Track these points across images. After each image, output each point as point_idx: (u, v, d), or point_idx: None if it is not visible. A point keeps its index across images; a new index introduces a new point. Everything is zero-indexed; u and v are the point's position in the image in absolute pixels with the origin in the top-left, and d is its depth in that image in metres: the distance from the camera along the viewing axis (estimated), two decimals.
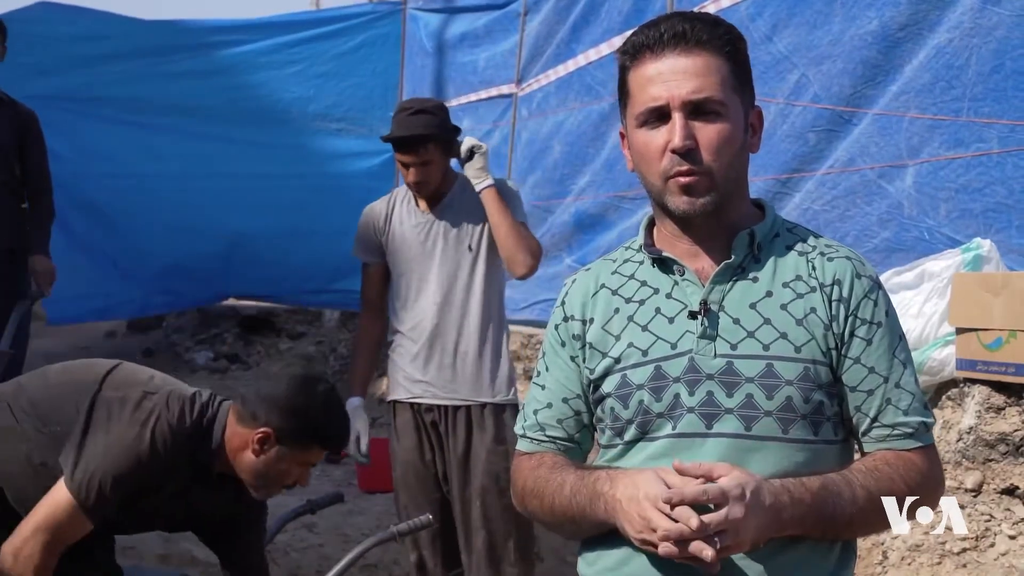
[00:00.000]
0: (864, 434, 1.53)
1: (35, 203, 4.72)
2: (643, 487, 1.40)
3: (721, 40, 1.51)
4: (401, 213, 3.40)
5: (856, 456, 1.57)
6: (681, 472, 1.40)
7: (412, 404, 3.37)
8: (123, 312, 7.72)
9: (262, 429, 2.38)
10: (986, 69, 3.49)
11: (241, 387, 8.06)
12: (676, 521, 1.35)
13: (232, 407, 2.45)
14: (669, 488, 1.38)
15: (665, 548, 1.36)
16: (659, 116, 1.51)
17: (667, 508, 1.36)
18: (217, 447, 2.41)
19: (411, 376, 3.36)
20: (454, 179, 3.40)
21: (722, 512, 1.35)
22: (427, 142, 3.23)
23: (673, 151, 1.49)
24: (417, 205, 3.38)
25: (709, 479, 1.38)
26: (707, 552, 1.34)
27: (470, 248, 3.31)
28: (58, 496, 2.25)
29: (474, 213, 3.33)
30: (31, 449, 2.35)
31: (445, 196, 3.36)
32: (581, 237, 5.70)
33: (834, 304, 1.52)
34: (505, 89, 6.54)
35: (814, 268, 1.54)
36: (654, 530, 1.37)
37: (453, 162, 3.40)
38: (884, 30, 3.87)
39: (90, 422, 2.32)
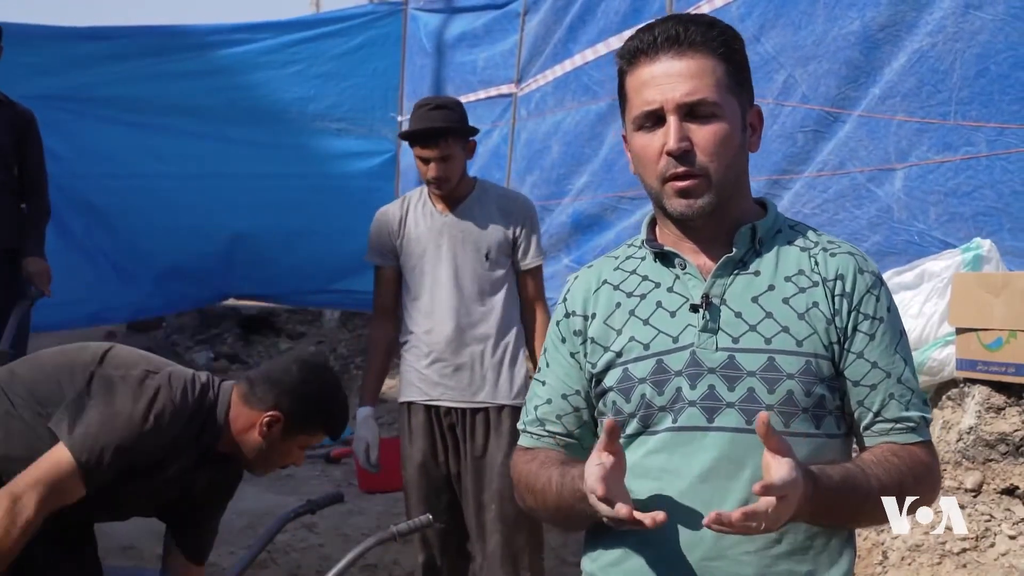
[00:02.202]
0: (866, 428, 1.54)
1: (30, 204, 4.72)
2: (585, 478, 1.41)
3: (715, 41, 1.52)
4: (416, 215, 3.40)
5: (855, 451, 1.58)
6: (765, 438, 1.35)
7: (428, 406, 3.37)
8: (119, 316, 7.71)
9: (271, 413, 2.44)
10: (971, 73, 3.51)
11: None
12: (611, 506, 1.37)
13: (236, 388, 2.49)
14: (599, 465, 1.39)
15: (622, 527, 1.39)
16: (655, 119, 1.51)
17: (599, 492, 1.37)
18: (221, 427, 2.44)
19: (428, 378, 3.36)
20: (473, 183, 3.41)
21: (772, 510, 1.33)
22: (447, 136, 3.24)
23: (668, 153, 1.49)
24: (434, 206, 3.39)
25: (782, 454, 1.35)
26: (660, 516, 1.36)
27: (487, 256, 3.32)
28: (58, 455, 2.24)
29: (492, 220, 3.34)
30: (30, 434, 2.34)
31: (464, 200, 3.37)
32: (579, 237, 5.70)
33: (836, 299, 1.52)
34: (504, 89, 6.54)
35: (816, 263, 1.55)
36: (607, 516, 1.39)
37: (470, 166, 3.41)
38: (865, 30, 3.88)
39: (89, 393, 2.32)
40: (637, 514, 1.36)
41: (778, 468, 1.34)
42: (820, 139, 4.08)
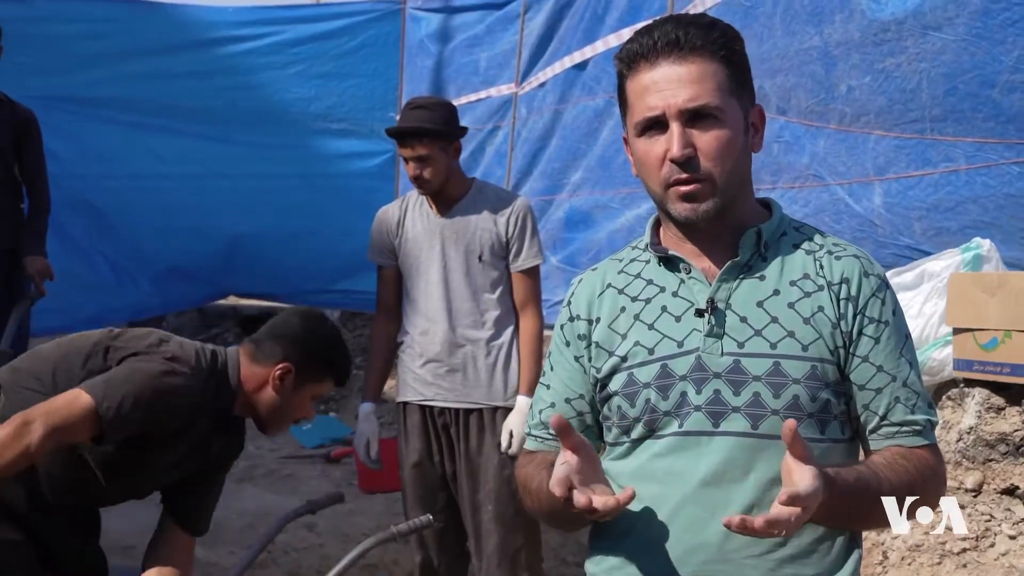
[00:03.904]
0: (872, 432, 1.53)
1: (30, 203, 4.71)
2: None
3: (716, 44, 1.51)
4: (414, 216, 3.41)
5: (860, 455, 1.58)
6: (791, 445, 1.34)
7: (423, 406, 3.38)
8: (119, 317, 7.70)
9: (282, 365, 2.50)
10: (939, 92, 3.54)
11: None
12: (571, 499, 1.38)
13: (242, 349, 2.55)
14: (563, 465, 1.39)
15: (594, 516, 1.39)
16: (657, 125, 1.50)
17: (558, 493, 1.37)
18: (234, 390, 2.50)
19: (422, 379, 3.37)
20: (469, 184, 3.41)
21: (795, 515, 1.32)
22: (421, 136, 3.24)
23: (672, 160, 1.49)
24: (431, 208, 3.39)
25: (806, 461, 1.34)
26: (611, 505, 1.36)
27: (480, 258, 3.32)
28: (74, 393, 2.25)
29: (486, 221, 3.33)
30: None
31: (459, 201, 3.37)
32: (569, 236, 5.71)
33: (842, 303, 1.52)
34: (505, 89, 6.54)
35: (822, 267, 1.54)
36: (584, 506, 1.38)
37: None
38: (825, 46, 3.90)
39: (105, 362, 2.36)
40: (596, 499, 1.36)
41: (802, 477, 1.33)
42: (794, 151, 4.11)
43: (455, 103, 6.72)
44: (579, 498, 1.36)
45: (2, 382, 2.43)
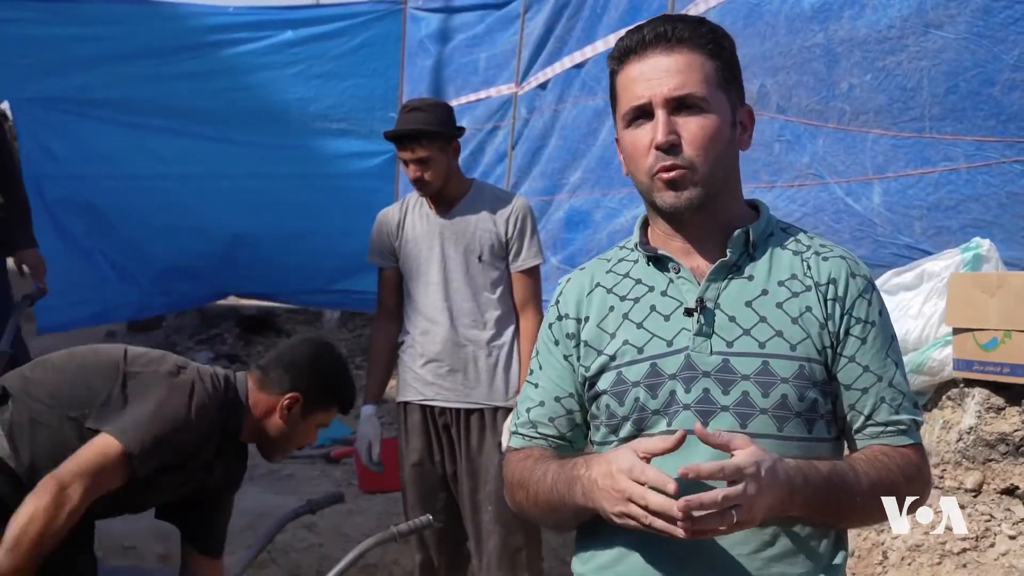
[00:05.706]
0: (858, 431, 1.54)
1: (8, 193, 4.48)
2: (615, 462, 1.41)
3: (704, 38, 1.53)
4: (414, 217, 3.42)
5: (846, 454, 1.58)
6: (703, 439, 1.38)
7: (423, 406, 3.38)
8: (120, 315, 7.72)
9: (291, 394, 2.54)
10: (940, 91, 3.53)
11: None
12: (651, 489, 1.35)
13: (251, 376, 2.58)
14: (640, 458, 1.39)
15: (649, 520, 1.36)
16: (644, 114, 1.53)
17: (641, 478, 1.36)
18: (244, 416, 2.52)
19: (423, 378, 3.37)
20: (468, 185, 3.41)
21: (738, 488, 1.33)
22: (420, 138, 3.25)
23: (657, 147, 1.50)
24: (431, 209, 3.39)
25: (727, 450, 1.37)
26: (678, 532, 1.34)
27: (480, 258, 3.32)
28: (105, 443, 2.27)
29: (485, 221, 3.34)
30: (54, 439, 2.35)
31: (458, 201, 3.37)
32: (570, 236, 5.71)
33: (829, 303, 1.53)
34: (505, 89, 6.55)
35: (809, 267, 1.55)
36: (629, 500, 1.37)
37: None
38: (828, 43, 3.91)
39: (125, 391, 2.37)
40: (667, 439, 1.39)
41: (737, 454, 1.35)
42: (795, 150, 4.11)
43: (455, 103, 6.75)
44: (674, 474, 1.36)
45: (12, 390, 2.43)
